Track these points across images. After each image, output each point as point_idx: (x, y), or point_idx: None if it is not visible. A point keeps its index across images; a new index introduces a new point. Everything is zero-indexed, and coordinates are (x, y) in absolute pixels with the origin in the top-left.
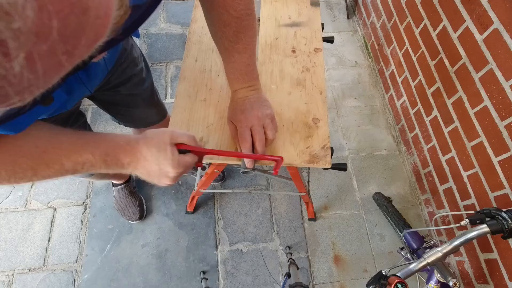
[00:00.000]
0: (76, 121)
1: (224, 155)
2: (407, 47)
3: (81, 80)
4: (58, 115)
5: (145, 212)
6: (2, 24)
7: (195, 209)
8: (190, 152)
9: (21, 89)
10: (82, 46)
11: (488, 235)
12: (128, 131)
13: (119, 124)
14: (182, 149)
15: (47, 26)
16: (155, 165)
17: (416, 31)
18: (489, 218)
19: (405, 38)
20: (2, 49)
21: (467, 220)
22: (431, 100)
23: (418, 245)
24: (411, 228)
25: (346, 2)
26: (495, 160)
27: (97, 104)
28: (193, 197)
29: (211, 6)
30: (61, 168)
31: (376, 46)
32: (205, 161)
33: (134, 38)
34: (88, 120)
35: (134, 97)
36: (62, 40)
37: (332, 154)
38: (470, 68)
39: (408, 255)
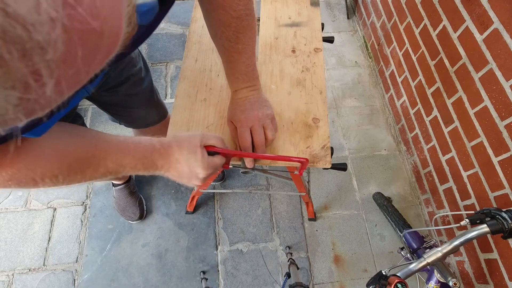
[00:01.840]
0: (73, 122)
1: (252, 157)
2: (407, 47)
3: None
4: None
5: (145, 212)
6: (37, 57)
7: (195, 209)
8: (219, 154)
9: (48, 107)
10: (96, 63)
11: (488, 235)
12: (128, 131)
13: (120, 124)
14: (211, 151)
15: (73, 54)
16: (186, 167)
17: (416, 31)
18: (489, 218)
19: (405, 38)
20: (36, 77)
21: (467, 220)
22: (431, 100)
23: (418, 245)
24: (411, 228)
25: (346, 2)
26: (495, 160)
27: (96, 104)
28: (193, 197)
29: (210, 6)
30: (106, 171)
31: (376, 46)
32: (233, 162)
33: None
34: (88, 120)
35: (133, 97)
36: (83, 63)
37: (332, 154)
38: (470, 68)
39: (408, 255)
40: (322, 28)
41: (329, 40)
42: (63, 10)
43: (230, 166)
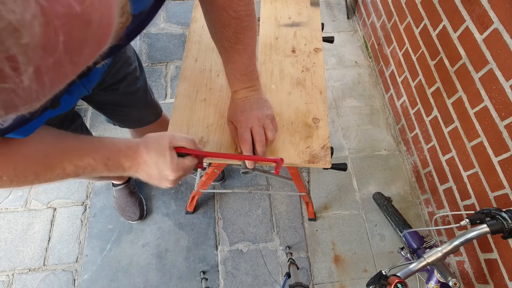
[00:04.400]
0: (72, 122)
1: (223, 157)
2: (407, 47)
3: (80, 82)
4: (54, 117)
5: (145, 212)
6: (11, 40)
7: (195, 209)
8: (189, 155)
9: (29, 100)
10: (85, 55)
11: (488, 235)
12: (125, 131)
13: (114, 125)
14: (181, 152)
15: (53, 40)
16: (155, 169)
17: (416, 31)
18: (489, 218)
19: (405, 38)
20: (12, 64)
21: (467, 220)
22: (431, 100)
23: (418, 245)
24: (411, 228)
25: (346, 2)
26: (495, 160)
27: (91, 105)
28: (193, 197)
29: (211, 7)
30: (63, 172)
31: (376, 46)
32: (206, 162)
33: None
34: (88, 120)
35: (128, 96)
36: (67, 52)
37: (332, 154)
38: (470, 68)
39: (408, 255)
40: (322, 28)
41: (329, 40)
42: None
43: (205, 165)
